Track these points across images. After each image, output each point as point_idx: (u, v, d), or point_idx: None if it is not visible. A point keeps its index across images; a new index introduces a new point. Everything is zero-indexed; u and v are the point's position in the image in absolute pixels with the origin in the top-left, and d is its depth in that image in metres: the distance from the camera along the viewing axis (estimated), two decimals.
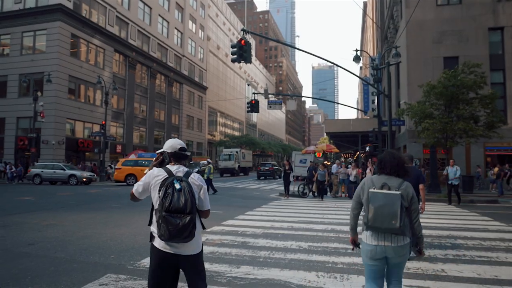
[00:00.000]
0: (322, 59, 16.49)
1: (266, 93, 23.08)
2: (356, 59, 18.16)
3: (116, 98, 34.80)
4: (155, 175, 2.53)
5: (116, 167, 23.45)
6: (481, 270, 4.79)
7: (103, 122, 27.72)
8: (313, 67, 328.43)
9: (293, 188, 17.15)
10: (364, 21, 74.66)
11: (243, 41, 13.26)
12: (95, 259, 5.20)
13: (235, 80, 74.47)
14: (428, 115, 15.72)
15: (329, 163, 22.96)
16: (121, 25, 36.02)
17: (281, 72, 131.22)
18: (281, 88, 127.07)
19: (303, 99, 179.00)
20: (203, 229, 2.64)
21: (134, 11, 37.91)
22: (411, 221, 2.83)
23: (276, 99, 31.20)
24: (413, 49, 22.16)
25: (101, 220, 8.73)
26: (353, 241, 3.09)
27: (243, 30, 13.56)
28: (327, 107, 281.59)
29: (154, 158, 2.80)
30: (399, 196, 2.69)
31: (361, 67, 69.10)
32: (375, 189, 2.79)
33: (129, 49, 36.77)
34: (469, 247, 6.17)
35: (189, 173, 2.57)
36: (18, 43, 29.44)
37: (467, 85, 15.14)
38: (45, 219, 8.61)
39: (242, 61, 13.57)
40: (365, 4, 69.58)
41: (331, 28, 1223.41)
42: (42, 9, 28.45)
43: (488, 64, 20.57)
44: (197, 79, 53.01)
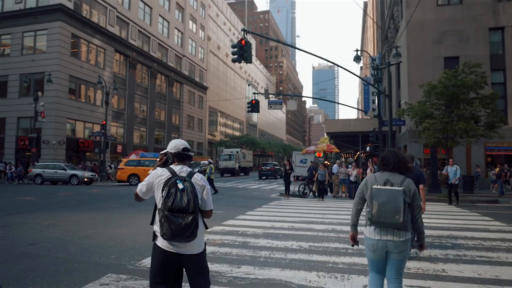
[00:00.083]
0: (322, 59, 16.49)
1: (266, 93, 23.08)
2: (356, 59, 18.16)
3: (116, 98, 34.84)
4: (158, 175, 2.55)
5: (119, 167, 23.46)
6: (482, 270, 4.79)
7: (104, 122, 27.77)
8: (314, 67, 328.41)
9: (294, 188, 17.15)
10: (364, 21, 74.64)
11: (243, 41, 13.25)
12: (96, 259, 5.21)
13: (235, 80, 74.48)
14: (428, 115, 15.71)
15: (329, 163, 22.94)
16: (122, 25, 36.05)
17: (281, 72, 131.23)
18: (281, 88, 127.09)
19: (304, 99, 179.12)
20: (206, 229, 2.64)
21: (134, 11, 37.94)
22: (413, 217, 2.92)
23: (276, 99, 31.22)
24: (414, 49, 22.16)
25: (102, 220, 8.74)
26: (353, 238, 3.14)
27: (243, 30, 13.55)
28: (328, 107, 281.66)
29: (156, 158, 2.82)
30: (402, 192, 2.78)
31: (361, 67, 69.09)
32: (378, 185, 2.88)
33: (130, 49, 36.80)
34: (470, 247, 6.17)
35: (192, 173, 2.58)
36: (18, 43, 29.49)
37: (467, 85, 15.13)
38: (46, 219, 8.62)
39: (242, 61, 13.56)
40: (366, 4, 69.56)
41: (331, 28, 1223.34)
42: (42, 9, 28.49)
43: (488, 64, 20.57)
44: (197, 79, 53.02)
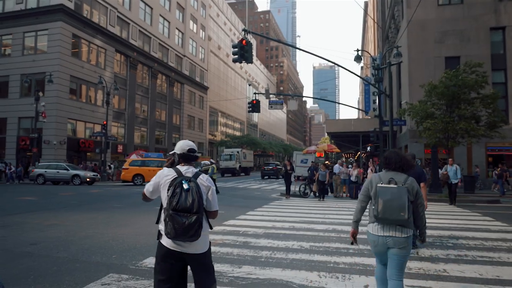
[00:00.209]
0: (323, 59, 16.49)
1: (267, 93, 23.06)
2: (357, 59, 18.14)
3: (117, 98, 34.88)
4: (165, 175, 2.59)
5: (123, 167, 23.49)
6: (483, 270, 4.79)
7: (105, 122, 27.80)
8: (314, 67, 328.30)
9: (294, 188, 17.16)
10: (365, 21, 74.60)
11: (244, 41, 13.25)
12: (97, 259, 5.22)
13: (236, 80, 74.49)
14: (429, 115, 15.69)
15: (330, 163, 22.93)
16: (122, 25, 36.08)
17: (282, 72, 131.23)
18: (282, 88, 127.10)
19: (304, 99, 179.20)
20: (211, 229, 2.67)
21: (135, 11, 37.97)
22: (417, 214, 3.08)
23: (277, 99, 31.18)
24: (415, 49, 22.14)
25: (103, 220, 8.75)
26: (353, 234, 3.24)
27: (244, 30, 13.54)
28: (328, 107, 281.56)
29: (160, 158, 2.86)
30: (406, 190, 2.94)
31: (362, 67, 69.09)
32: (382, 184, 3.02)
33: (130, 49, 36.83)
34: (471, 247, 6.16)
35: (198, 174, 2.61)
36: (19, 43, 29.53)
37: (468, 85, 15.11)
38: (47, 219, 8.63)
39: (243, 61, 13.56)
40: (366, 4, 69.51)
41: (332, 28, 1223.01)
42: (43, 10, 28.53)
43: (489, 63, 20.54)
44: (198, 79, 53.04)
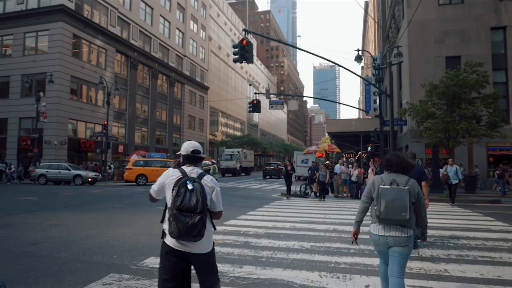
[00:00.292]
0: (323, 59, 16.46)
1: (267, 93, 23.06)
2: (357, 59, 18.13)
3: (118, 98, 34.90)
4: (170, 175, 2.63)
5: (126, 167, 23.51)
6: (484, 270, 4.78)
7: (105, 122, 27.81)
8: (315, 67, 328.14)
9: (295, 188, 17.15)
10: (365, 21, 74.58)
11: (244, 41, 13.24)
12: (98, 259, 5.22)
13: (236, 80, 74.50)
14: (430, 114, 15.68)
15: (331, 163, 22.91)
16: (123, 26, 36.10)
17: (282, 72, 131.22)
18: (282, 88, 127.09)
19: (305, 99, 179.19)
20: (214, 230, 2.69)
21: (135, 12, 37.99)
22: (419, 215, 3.20)
23: (277, 99, 31.19)
24: (415, 48, 22.12)
25: (104, 220, 8.76)
26: (354, 234, 3.33)
27: (244, 30, 13.53)
28: (329, 107, 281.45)
29: (163, 158, 2.89)
30: (407, 191, 3.03)
31: (362, 67, 69.07)
32: (384, 185, 3.13)
33: (131, 50, 36.85)
34: (472, 247, 6.16)
35: (202, 174, 2.64)
36: (20, 43, 29.56)
37: (469, 85, 15.09)
38: (48, 219, 8.64)
39: (243, 61, 13.56)
40: (367, 3, 69.48)
41: (332, 28, 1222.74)
42: (44, 10, 28.56)
43: (490, 63, 20.51)
44: (198, 79, 53.05)
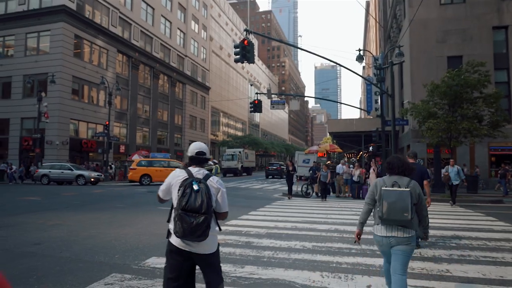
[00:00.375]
0: (325, 58, 16.43)
1: (269, 93, 23.05)
2: (359, 58, 18.12)
3: (119, 98, 34.95)
4: (176, 176, 2.67)
5: (131, 168, 23.54)
6: (487, 270, 4.77)
7: (107, 122, 27.86)
8: (316, 67, 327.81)
9: (296, 188, 17.14)
10: (367, 21, 74.49)
11: (246, 41, 13.24)
12: (100, 258, 5.23)
13: (237, 80, 74.50)
14: (432, 114, 15.65)
15: (332, 163, 22.90)
16: (124, 26, 36.15)
17: (283, 72, 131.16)
18: (283, 88, 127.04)
19: (306, 99, 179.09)
20: (219, 230, 2.72)
21: (137, 12, 38.04)
22: (421, 216, 3.30)
23: (279, 99, 31.17)
24: (417, 48, 22.08)
25: (106, 220, 8.77)
26: (358, 235, 3.44)
27: (246, 30, 13.53)
28: (330, 107, 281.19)
29: (166, 158, 2.94)
30: (409, 192, 3.13)
31: (364, 67, 68.97)
32: (386, 187, 3.23)
33: (132, 50, 36.89)
34: (474, 247, 6.14)
35: (208, 175, 2.67)
36: (22, 44, 29.62)
37: (471, 84, 15.06)
38: (50, 219, 8.66)
39: (245, 61, 13.56)
40: (368, 3, 69.41)
41: (333, 27, 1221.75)
42: (45, 10, 28.61)
43: (492, 63, 20.45)
44: (199, 79, 53.09)
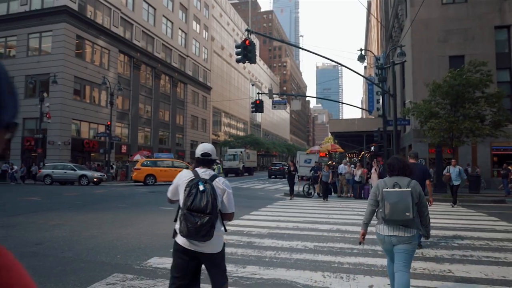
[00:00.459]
0: (326, 58, 16.44)
1: (270, 93, 23.04)
2: (360, 58, 18.10)
3: (121, 98, 34.98)
4: (183, 176, 2.72)
5: (135, 168, 23.56)
6: (489, 270, 4.76)
7: (108, 122, 27.90)
8: (317, 67, 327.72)
9: (298, 188, 17.13)
10: (368, 20, 74.38)
11: (247, 41, 13.24)
12: (102, 258, 5.24)
13: (239, 80, 74.50)
14: (433, 114, 15.61)
15: (333, 163, 22.87)
16: (126, 26, 36.20)
17: (285, 72, 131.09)
18: (285, 88, 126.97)
19: (308, 99, 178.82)
20: (225, 231, 2.75)
21: (138, 12, 38.09)
22: (422, 214, 3.39)
23: (280, 99, 31.18)
24: (418, 48, 22.02)
25: (107, 220, 8.78)
26: (363, 235, 3.53)
27: (247, 30, 13.55)
28: (332, 106, 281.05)
29: (170, 158, 2.99)
30: (410, 192, 3.22)
31: (365, 67, 68.85)
32: (388, 188, 3.31)
33: (134, 50, 36.94)
34: (476, 247, 6.13)
35: (214, 176, 2.70)
36: (24, 44, 29.71)
37: (473, 84, 15.01)
38: (52, 219, 8.68)
39: (246, 61, 13.57)
40: (370, 3, 69.31)
41: (335, 27, 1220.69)
42: (47, 11, 28.68)
43: (494, 62, 20.37)
44: (201, 79, 53.11)
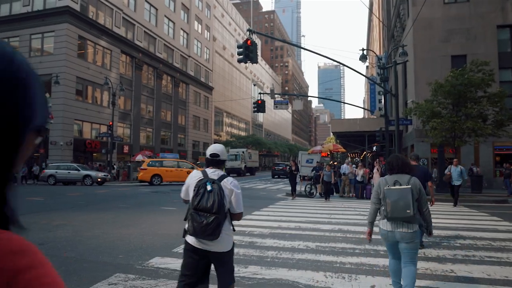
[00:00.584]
0: (328, 58, 16.38)
1: (272, 93, 23.04)
2: (362, 58, 18.04)
3: (123, 99, 35.05)
4: (193, 176, 2.78)
5: (141, 168, 23.64)
6: (491, 270, 4.75)
7: (110, 123, 27.95)
8: (319, 67, 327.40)
9: (300, 188, 17.13)
10: (370, 20, 74.25)
11: (249, 41, 13.24)
12: (104, 258, 5.26)
13: (241, 80, 74.53)
14: (436, 114, 15.58)
15: (334, 163, 22.82)
16: (128, 27, 36.27)
17: (287, 72, 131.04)
18: (287, 88, 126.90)
19: (309, 99, 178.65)
20: (233, 231, 2.79)
21: (140, 13, 38.16)
22: (421, 210, 3.45)
23: (282, 99, 31.12)
24: (420, 47, 21.98)
25: (110, 220, 8.81)
26: (369, 234, 3.66)
27: (249, 30, 13.55)
28: (334, 106, 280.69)
29: (175, 158, 3.06)
30: (410, 189, 3.31)
31: (367, 66, 68.71)
32: (389, 186, 3.39)
33: (136, 50, 37.02)
34: (479, 247, 6.11)
35: (223, 177, 2.72)
36: (26, 45, 29.79)
37: (475, 83, 14.97)
38: (54, 219, 8.71)
39: (248, 61, 13.57)
40: (371, 2, 69.17)
41: (337, 27, 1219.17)
42: (49, 12, 28.77)
43: (496, 62, 20.32)
44: (203, 79, 53.16)
